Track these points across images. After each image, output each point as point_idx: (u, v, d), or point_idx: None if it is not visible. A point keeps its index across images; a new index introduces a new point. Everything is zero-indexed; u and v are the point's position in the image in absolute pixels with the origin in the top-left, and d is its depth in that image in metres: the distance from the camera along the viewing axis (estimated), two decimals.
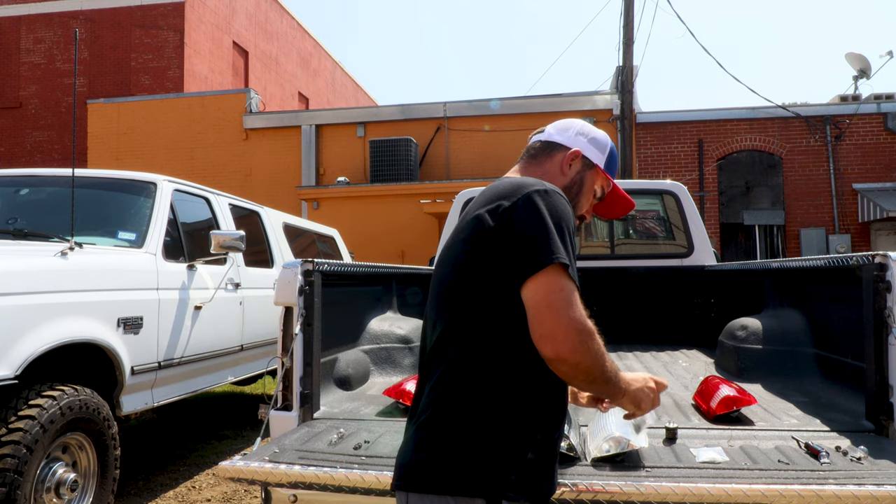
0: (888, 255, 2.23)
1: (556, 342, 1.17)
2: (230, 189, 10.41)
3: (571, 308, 1.18)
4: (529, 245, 1.22)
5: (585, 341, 1.18)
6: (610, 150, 1.59)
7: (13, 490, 2.58)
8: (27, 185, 4.23)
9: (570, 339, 1.17)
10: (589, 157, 1.55)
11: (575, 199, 1.53)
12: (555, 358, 1.18)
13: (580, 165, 1.54)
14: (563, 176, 1.52)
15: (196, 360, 4.17)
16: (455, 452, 1.23)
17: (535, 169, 1.52)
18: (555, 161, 1.53)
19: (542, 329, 1.18)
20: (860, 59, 13.44)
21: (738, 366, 3.23)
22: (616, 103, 12.34)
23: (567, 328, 1.17)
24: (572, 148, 1.53)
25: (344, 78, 27.13)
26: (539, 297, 1.19)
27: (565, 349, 1.17)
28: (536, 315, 1.19)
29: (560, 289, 1.19)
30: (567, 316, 1.17)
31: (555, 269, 1.20)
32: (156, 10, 16.43)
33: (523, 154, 1.58)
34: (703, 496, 1.73)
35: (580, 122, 1.60)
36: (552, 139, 1.56)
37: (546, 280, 1.19)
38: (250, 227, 5.35)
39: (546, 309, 1.18)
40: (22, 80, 16.96)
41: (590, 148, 1.55)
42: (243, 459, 2.04)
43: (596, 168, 1.56)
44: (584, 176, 1.54)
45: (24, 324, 2.80)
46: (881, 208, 11.26)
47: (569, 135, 1.56)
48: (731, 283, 4.32)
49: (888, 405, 2.18)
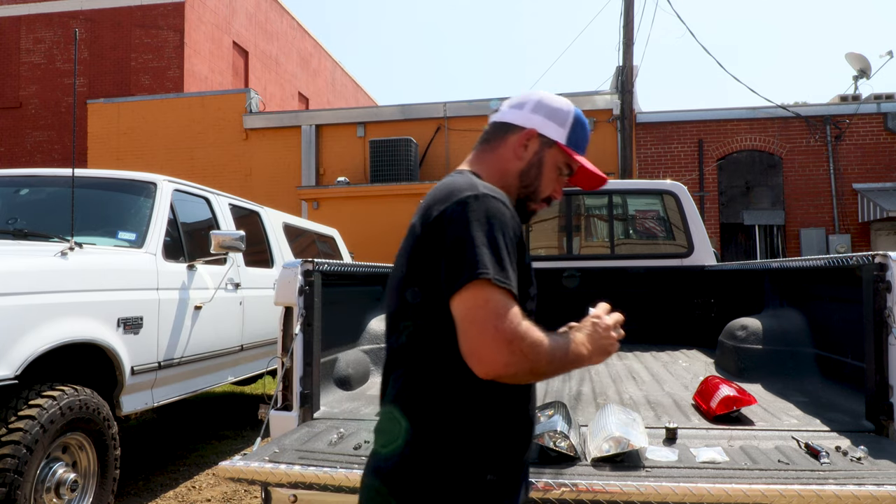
0: (888, 255, 2.23)
1: (482, 360, 1.11)
2: (230, 189, 10.40)
3: (498, 320, 1.10)
4: (453, 260, 1.15)
5: (516, 350, 1.10)
6: (573, 122, 1.43)
7: (13, 490, 2.58)
8: (27, 185, 4.23)
9: (499, 354, 1.10)
10: (547, 135, 1.40)
11: (534, 183, 1.41)
12: (485, 375, 1.12)
13: (537, 145, 1.40)
14: (518, 160, 1.39)
15: (196, 360, 4.17)
16: (412, 477, 1.20)
17: (487, 156, 1.41)
18: (508, 144, 1.40)
19: (467, 347, 1.12)
20: (860, 59, 13.44)
21: (738, 366, 3.23)
22: (616, 103, 12.34)
23: (493, 344, 1.10)
24: (526, 127, 1.39)
25: (344, 78, 27.13)
26: (463, 315, 1.13)
27: (494, 366, 1.10)
28: (462, 333, 1.13)
29: (483, 303, 1.11)
30: (491, 331, 1.10)
31: (478, 285, 1.12)
32: (156, 10, 16.42)
33: (478, 139, 1.46)
34: (703, 496, 1.73)
35: (538, 94, 1.44)
36: (505, 119, 1.42)
37: (469, 296, 1.12)
38: (250, 227, 5.35)
39: (470, 326, 1.12)
40: (22, 80, 16.96)
41: (547, 124, 1.40)
42: (243, 459, 2.04)
43: (556, 146, 1.41)
44: (542, 157, 1.40)
45: (25, 324, 2.80)
46: (881, 208, 11.26)
47: (523, 112, 1.41)
48: (731, 283, 4.32)
49: (888, 405, 2.18)
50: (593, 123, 12.84)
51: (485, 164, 1.40)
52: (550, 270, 4.87)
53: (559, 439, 1.96)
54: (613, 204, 5.16)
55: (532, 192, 1.41)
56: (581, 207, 5.37)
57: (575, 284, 4.83)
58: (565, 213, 5.21)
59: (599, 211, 5.36)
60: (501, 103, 1.47)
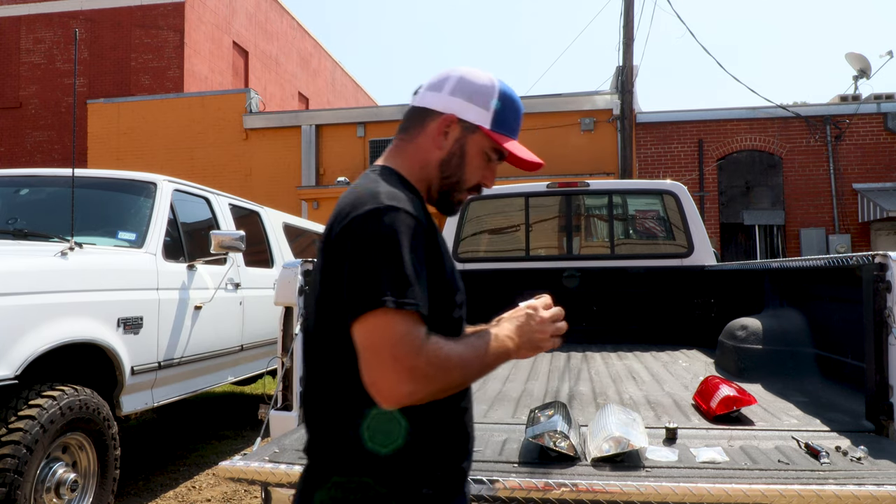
0: (888, 255, 2.23)
1: (382, 391, 1.04)
2: (230, 189, 10.39)
3: (395, 348, 1.03)
4: (351, 286, 1.08)
5: (419, 377, 1.04)
6: (499, 102, 1.28)
7: (13, 490, 2.58)
8: (27, 185, 4.23)
9: (400, 385, 1.03)
10: (469, 120, 1.26)
11: (457, 173, 1.28)
12: (389, 406, 1.06)
13: (458, 132, 1.27)
14: (438, 150, 1.27)
15: (196, 360, 4.17)
16: (346, 496, 1.16)
17: (406, 146, 1.29)
18: (427, 133, 1.27)
19: (367, 378, 1.05)
20: (860, 59, 13.45)
21: (738, 366, 3.23)
22: (616, 103, 12.34)
23: (392, 375, 1.03)
24: (445, 113, 1.26)
25: (344, 78, 27.13)
26: (361, 344, 1.06)
27: (397, 396, 1.04)
28: (362, 362, 1.06)
29: (381, 331, 1.04)
30: (390, 361, 1.03)
31: (376, 313, 1.04)
32: (156, 10, 16.43)
33: (398, 127, 1.34)
34: (703, 496, 1.73)
35: (459, 71, 1.29)
36: (423, 103, 1.29)
37: (367, 324, 1.05)
38: (250, 227, 5.35)
39: (369, 356, 1.05)
40: (22, 80, 16.97)
41: (469, 108, 1.26)
42: (243, 459, 2.04)
43: (480, 130, 1.27)
44: (464, 144, 1.27)
45: (25, 324, 2.80)
46: (881, 208, 11.27)
47: (442, 95, 1.27)
48: (731, 283, 4.32)
49: (888, 405, 2.18)
50: (593, 123, 12.85)
51: (403, 157, 1.29)
52: (550, 270, 4.87)
53: (559, 439, 1.96)
54: (613, 204, 5.17)
55: (455, 182, 1.30)
56: (581, 207, 5.37)
57: (575, 284, 4.83)
58: (565, 213, 5.21)
59: (599, 211, 5.37)
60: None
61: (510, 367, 3.70)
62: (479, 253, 5.21)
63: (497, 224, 5.36)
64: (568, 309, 4.74)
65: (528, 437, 2.03)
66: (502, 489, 1.80)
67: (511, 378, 3.37)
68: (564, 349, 4.32)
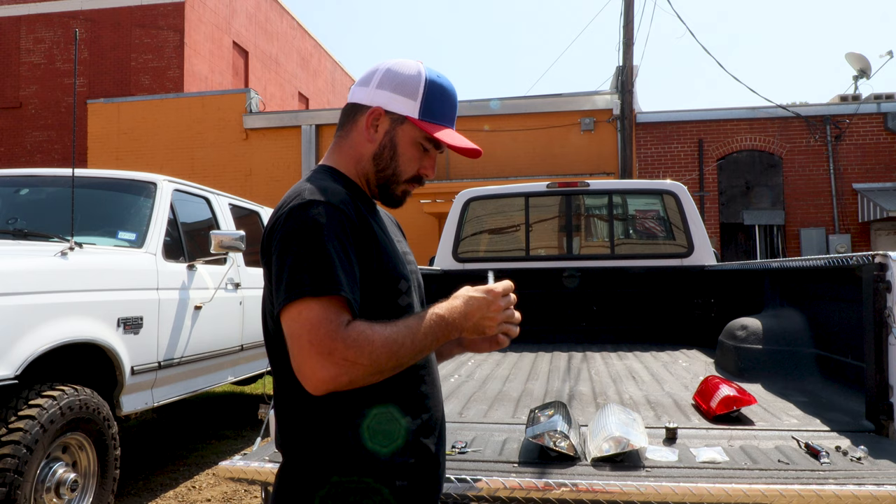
0: (888, 255, 2.23)
1: (305, 377, 1.07)
2: (230, 189, 10.40)
3: (311, 333, 1.06)
4: (276, 279, 1.13)
5: (339, 361, 1.05)
6: (426, 91, 1.27)
7: (13, 490, 2.58)
8: (27, 185, 4.23)
9: (321, 369, 1.05)
10: (396, 111, 1.27)
11: (391, 165, 1.29)
12: (315, 392, 1.08)
13: (388, 124, 1.28)
14: (370, 143, 1.29)
15: (196, 360, 4.17)
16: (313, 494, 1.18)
17: (342, 143, 1.32)
18: (358, 127, 1.30)
19: (294, 365, 1.09)
20: (860, 59, 13.45)
21: (738, 366, 3.23)
22: (616, 103, 12.33)
23: (311, 359, 1.06)
24: (372, 106, 1.28)
25: (344, 78, 27.13)
26: (287, 332, 1.10)
27: (320, 381, 1.06)
28: (289, 350, 1.10)
29: (299, 319, 1.08)
30: (307, 346, 1.06)
31: (297, 303, 1.08)
32: (156, 10, 16.43)
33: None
34: (703, 496, 1.73)
35: (386, 65, 1.30)
36: (354, 99, 1.31)
37: (288, 314, 1.09)
38: (250, 227, 5.35)
39: (292, 343, 1.09)
40: (22, 80, 16.96)
41: (395, 99, 1.27)
42: (243, 459, 2.04)
43: (409, 121, 1.27)
44: (394, 136, 1.28)
45: (25, 324, 2.80)
46: (881, 208, 11.27)
47: (369, 89, 1.29)
48: (731, 283, 4.32)
49: (888, 405, 2.18)
50: (593, 123, 12.84)
51: (340, 154, 1.32)
52: (550, 270, 4.87)
53: (559, 439, 1.96)
54: (613, 204, 5.17)
55: (391, 175, 1.30)
56: (581, 207, 5.37)
57: (575, 284, 4.83)
58: (565, 212, 5.21)
59: (599, 211, 5.37)
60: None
61: (510, 367, 3.70)
62: (478, 253, 5.21)
63: (497, 224, 5.36)
64: (568, 309, 4.73)
65: (528, 436, 2.03)
66: (502, 489, 1.81)
67: (511, 378, 3.37)
68: (564, 349, 4.32)
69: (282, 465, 1.27)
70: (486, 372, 3.55)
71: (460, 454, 2.06)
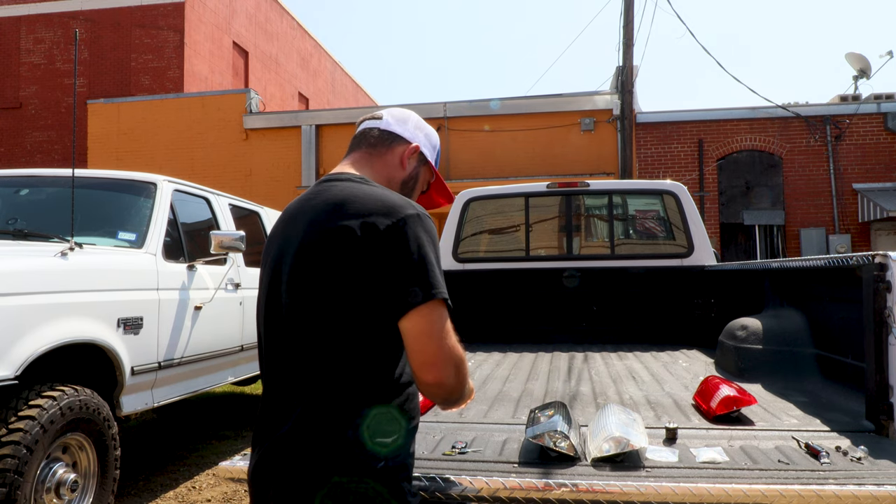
0: (888, 255, 2.22)
1: (437, 370, 1.23)
2: (230, 189, 10.40)
3: (450, 338, 1.24)
4: (410, 277, 1.23)
5: (461, 370, 1.26)
6: (439, 149, 1.65)
7: (13, 490, 2.58)
8: (27, 185, 4.23)
9: (448, 368, 1.23)
10: (425, 154, 1.57)
11: (410, 194, 1.56)
12: (434, 384, 1.24)
13: (416, 161, 1.56)
14: (402, 170, 1.53)
15: (196, 361, 4.17)
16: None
17: (376, 161, 1.51)
18: (395, 153, 1.52)
19: (424, 357, 1.22)
20: (860, 59, 13.45)
21: (738, 366, 3.23)
22: (616, 103, 12.34)
23: (446, 358, 1.23)
24: (413, 143, 1.54)
25: (344, 78, 27.12)
26: (420, 329, 1.22)
27: (443, 376, 1.23)
28: (418, 344, 1.23)
29: (440, 320, 1.24)
30: (447, 346, 1.23)
31: (437, 303, 1.24)
32: (156, 10, 16.43)
33: (360, 141, 1.54)
34: (703, 496, 1.73)
35: (415, 115, 1.61)
36: (392, 129, 1.54)
37: (428, 312, 1.23)
38: (250, 227, 5.35)
39: (428, 339, 1.22)
40: (22, 80, 16.96)
41: (427, 144, 1.58)
42: (243, 459, 2.04)
43: (428, 164, 1.59)
44: (419, 171, 1.57)
45: (25, 324, 2.80)
46: (881, 208, 11.27)
47: (408, 127, 1.56)
48: (731, 283, 4.32)
49: (888, 405, 2.18)
50: (593, 123, 12.84)
51: (372, 170, 1.49)
52: (550, 270, 4.87)
53: (559, 439, 1.96)
54: (613, 204, 5.16)
55: None
56: (581, 207, 5.37)
57: (575, 284, 4.83)
58: (565, 213, 5.21)
59: (599, 211, 5.36)
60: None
61: (510, 367, 3.70)
62: (478, 253, 5.20)
63: (497, 224, 5.36)
64: (568, 309, 4.74)
65: (528, 437, 2.03)
66: (502, 489, 1.80)
67: (511, 378, 3.37)
68: (565, 349, 4.32)
69: (292, 459, 1.26)
70: (486, 372, 3.55)
71: (460, 454, 2.06)
